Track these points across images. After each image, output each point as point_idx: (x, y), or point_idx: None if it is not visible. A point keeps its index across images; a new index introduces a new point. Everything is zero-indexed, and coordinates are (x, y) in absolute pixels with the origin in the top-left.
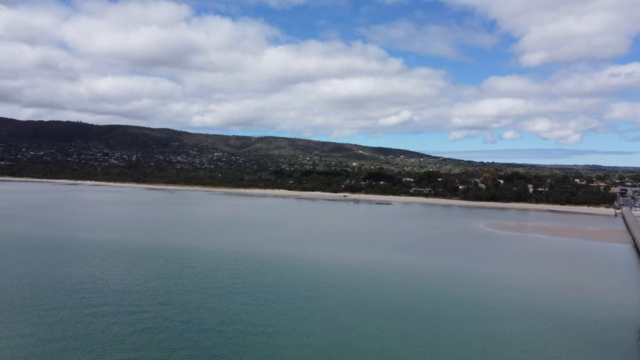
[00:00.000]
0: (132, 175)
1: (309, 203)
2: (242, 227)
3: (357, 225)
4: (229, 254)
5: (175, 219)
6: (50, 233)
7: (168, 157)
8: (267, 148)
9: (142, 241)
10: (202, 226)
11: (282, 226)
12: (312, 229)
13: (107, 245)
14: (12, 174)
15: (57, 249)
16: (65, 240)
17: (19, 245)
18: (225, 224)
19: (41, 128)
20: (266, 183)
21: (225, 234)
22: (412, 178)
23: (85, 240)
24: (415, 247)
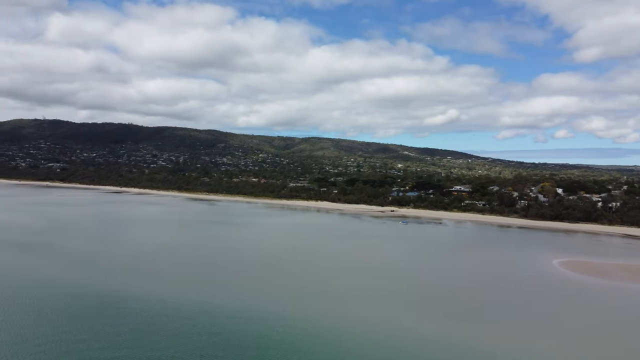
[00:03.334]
0: (175, 183)
1: (354, 222)
2: (287, 266)
3: (410, 262)
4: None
5: (219, 249)
6: (78, 277)
7: (214, 158)
8: (311, 149)
9: (185, 298)
10: (249, 266)
11: (326, 266)
12: (361, 271)
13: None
14: (62, 179)
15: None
16: (95, 293)
17: (33, 299)
18: (270, 259)
19: (94, 130)
20: (309, 193)
21: (270, 282)
22: (462, 185)
23: (117, 293)
24: (484, 309)
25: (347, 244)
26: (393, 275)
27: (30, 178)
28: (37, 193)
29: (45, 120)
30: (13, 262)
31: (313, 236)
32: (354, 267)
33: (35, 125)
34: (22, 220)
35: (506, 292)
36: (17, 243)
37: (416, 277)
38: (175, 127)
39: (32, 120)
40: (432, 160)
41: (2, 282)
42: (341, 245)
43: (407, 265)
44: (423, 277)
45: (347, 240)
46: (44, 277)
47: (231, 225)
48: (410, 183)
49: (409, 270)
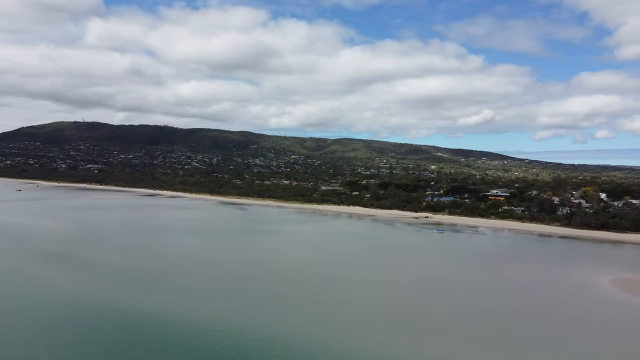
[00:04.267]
0: (207, 186)
1: (387, 230)
2: (315, 283)
3: (446, 278)
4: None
5: (246, 262)
6: (99, 294)
7: (246, 159)
8: (343, 150)
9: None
10: (275, 283)
11: (356, 281)
12: (393, 288)
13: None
14: (98, 181)
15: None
16: (115, 312)
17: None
18: (298, 274)
19: (131, 132)
20: (340, 198)
21: (297, 301)
22: (498, 189)
23: (138, 312)
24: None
25: (380, 256)
26: (427, 294)
27: (69, 180)
28: (73, 196)
29: (84, 123)
30: (34, 276)
31: (344, 247)
32: (386, 283)
33: (75, 128)
34: (54, 226)
35: (552, 316)
36: (44, 253)
37: (452, 296)
38: (208, 128)
39: (72, 123)
40: (466, 162)
41: (17, 299)
42: (373, 258)
43: (443, 282)
44: (460, 296)
45: (379, 252)
46: (63, 294)
47: (260, 233)
48: (444, 187)
49: (445, 288)
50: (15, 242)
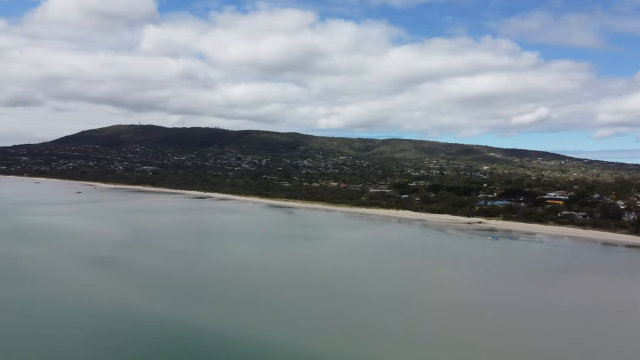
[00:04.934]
0: (255, 188)
1: (438, 237)
2: (361, 297)
3: (505, 295)
4: None
5: (291, 272)
6: (140, 303)
7: (295, 161)
8: (392, 151)
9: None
10: (320, 297)
11: (405, 297)
12: (447, 306)
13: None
14: (152, 184)
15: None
16: (155, 324)
17: None
18: (342, 288)
19: (184, 134)
20: (389, 201)
21: (341, 319)
22: (556, 192)
23: (177, 323)
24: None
25: (432, 267)
26: (484, 315)
27: (124, 182)
28: (127, 198)
29: (140, 126)
30: (78, 282)
31: (393, 255)
32: (438, 301)
33: (132, 130)
34: (105, 230)
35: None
36: (92, 257)
37: (512, 318)
38: (257, 130)
39: (129, 126)
40: (520, 162)
41: (58, 305)
42: (424, 269)
43: (501, 300)
44: (520, 318)
45: (431, 262)
46: (105, 301)
47: (307, 239)
48: (498, 190)
49: (503, 307)
50: (67, 245)
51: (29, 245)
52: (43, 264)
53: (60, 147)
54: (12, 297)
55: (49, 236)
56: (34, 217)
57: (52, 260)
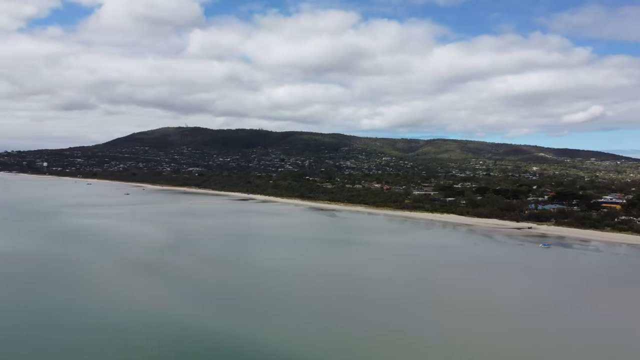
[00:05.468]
0: (298, 190)
1: (485, 244)
2: (404, 309)
3: (559, 312)
4: None
5: (334, 280)
6: (177, 312)
7: (338, 162)
8: (436, 151)
9: None
10: (364, 308)
11: (450, 313)
12: (496, 324)
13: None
14: (197, 185)
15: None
16: (192, 336)
17: None
18: (386, 300)
19: (229, 136)
20: (433, 204)
21: (388, 336)
22: (612, 194)
23: (214, 334)
24: None
25: (479, 277)
26: (541, 332)
27: (171, 183)
28: (173, 200)
29: (187, 128)
30: (118, 287)
31: (438, 263)
32: (486, 317)
33: (179, 132)
34: (149, 233)
35: None
36: (134, 262)
37: (574, 338)
38: (301, 131)
39: (176, 128)
40: (572, 163)
41: (95, 313)
42: (471, 279)
43: (559, 318)
44: (584, 339)
45: (478, 271)
46: (144, 308)
47: (348, 244)
48: (549, 193)
49: (562, 326)
50: (111, 249)
51: (74, 248)
52: (86, 268)
53: (112, 149)
54: (53, 302)
55: (95, 239)
56: (82, 219)
57: (95, 264)
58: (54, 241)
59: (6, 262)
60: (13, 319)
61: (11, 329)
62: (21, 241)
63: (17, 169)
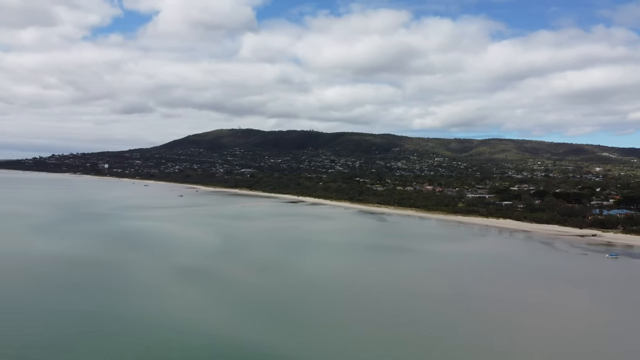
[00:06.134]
0: (347, 193)
1: (545, 252)
2: (464, 329)
3: (631, 339)
4: None
5: (384, 293)
6: (221, 325)
7: (389, 162)
8: (491, 151)
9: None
10: (420, 325)
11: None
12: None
13: None
14: (248, 187)
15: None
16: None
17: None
18: (444, 317)
19: (280, 137)
20: (488, 209)
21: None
22: None
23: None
24: None
25: (541, 291)
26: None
27: (223, 185)
28: (224, 202)
29: (239, 130)
30: (161, 294)
31: (494, 273)
32: (547, 343)
33: (232, 134)
34: (198, 237)
35: None
36: (181, 267)
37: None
38: (351, 132)
39: (229, 130)
40: (639, 163)
41: (134, 322)
42: (532, 293)
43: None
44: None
45: (539, 284)
46: (185, 318)
47: (396, 252)
48: (614, 196)
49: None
50: (160, 253)
51: (125, 252)
52: (134, 273)
53: (168, 150)
54: (97, 307)
55: (146, 243)
56: (135, 222)
57: (143, 269)
58: (107, 244)
59: (58, 265)
60: (55, 322)
61: (52, 332)
62: (75, 244)
63: (81, 170)
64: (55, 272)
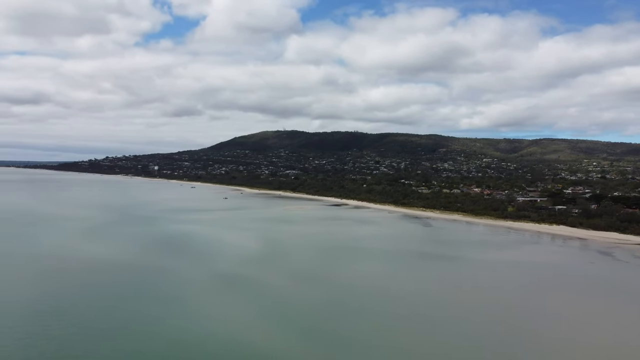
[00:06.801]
0: (392, 195)
1: (604, 262)
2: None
3: None
4: None
5: (430, 308)
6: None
7: (435, 164)
8: (542, 152)
9: None
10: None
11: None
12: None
13: None
14: (292, 189)
15: None
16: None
17: None
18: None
19: (325, 138)
20: (540, 214)
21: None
22: None
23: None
24: None
25: (599, 311)
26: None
27: (268, 187)
28: (268, 205)
29: (285, 131)
30: (198, 305)
31: (545, 287)
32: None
33: (277, 136)
34: (240, 242)
35: None
36: (223, 275)
37: None
38: (396, 133)
39: (274, 132)
40: None
41: (177, 334)
42: (592, 312)
43: None
44: None
45: (597, 301)
46: (219, 332)
47: (444, 260)
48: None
49: None
50: (201, 259)
51: (167, 257)
52: (174, 280)
53: (215, 152)
54: (135, 316)
55: (188, 248)
56: (180, 225)
57: (183, 276)
58: (150, 249)
59: (100, 270)
60: (90, 329)
61: (89, 340)
62: (120, 248)
63: (133, 172)
64: (97, 278)
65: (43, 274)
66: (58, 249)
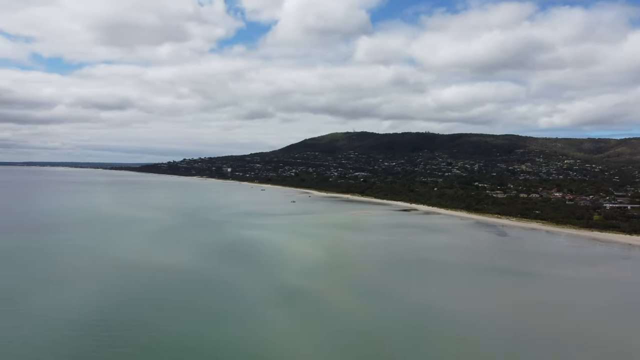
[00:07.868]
0: (464, 201)
1: None
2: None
3: None
4: None
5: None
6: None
7: (511, 165)
8: (632, 152)
9: None
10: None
11: None
12: None
13: None
14: (360, 192)
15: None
16: None
17: None
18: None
19: (395, 139)
20: (631, 223)
21: None
22: None
23: None
24: None
25: None
26: None
27: (336, 190)
28: (335, 209)
29: (354, 133)
30: (255, 323)
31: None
32: None
33: (347, 138)
34: (304, 250)
35: None
36: (282, 287)
37: None
38: (469, 133)
39: (344, 133)
40: None
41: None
42: None
43: None
44: None
45: None
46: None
47: (523, 276)
48: None
49: None
50: (264, 269)
51: (230, 266)
52: (233, 292)
53: (286, 154)
54: (190, 332)
55: (252, 256)
56: (246, 231)
57: (244, 288)
58: (214, 257)
59: (157, 276)
60: (132, 342)
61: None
62: (183, 254)
63: (207, 174)
64: (152, 286)
65: (104, 280)
66: (127, 253)
